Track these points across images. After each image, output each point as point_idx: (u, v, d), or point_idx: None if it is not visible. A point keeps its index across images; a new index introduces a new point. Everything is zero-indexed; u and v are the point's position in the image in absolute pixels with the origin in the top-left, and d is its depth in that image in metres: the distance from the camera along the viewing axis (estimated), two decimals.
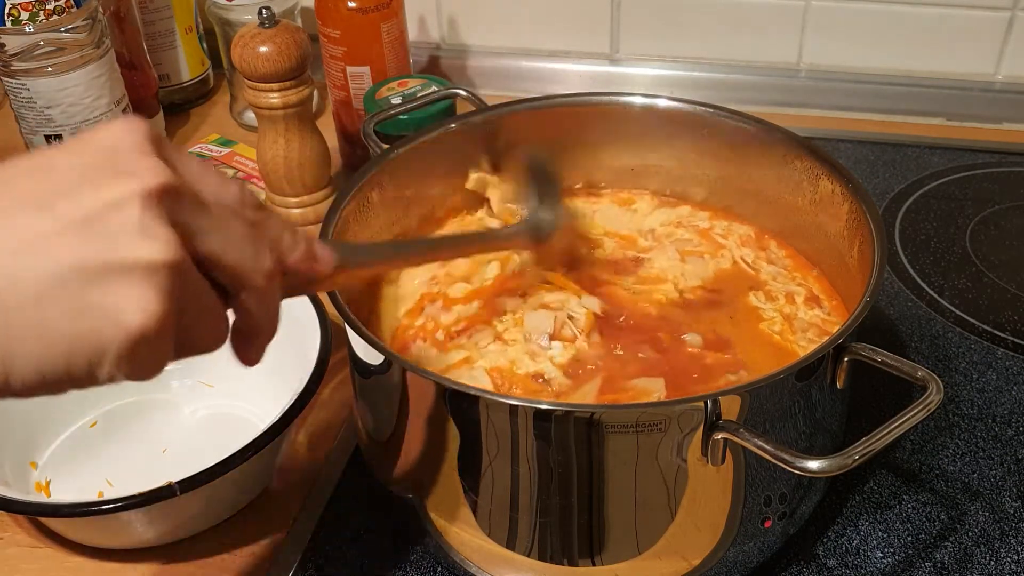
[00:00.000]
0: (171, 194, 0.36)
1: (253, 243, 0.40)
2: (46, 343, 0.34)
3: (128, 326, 0.34)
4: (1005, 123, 1.05)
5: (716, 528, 0.56)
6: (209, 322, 0.40)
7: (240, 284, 0.40)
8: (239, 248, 0.39)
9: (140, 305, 0.34)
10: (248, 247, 0.40)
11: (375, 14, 0.94)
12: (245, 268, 0.40)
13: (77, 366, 0.35)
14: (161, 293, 0.35)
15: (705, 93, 0.81)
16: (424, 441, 0.57)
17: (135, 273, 0.34)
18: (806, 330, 0.65)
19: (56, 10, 0.86)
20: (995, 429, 0.71)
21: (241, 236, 0.40)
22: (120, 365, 0.35)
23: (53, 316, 0.34)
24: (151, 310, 0.35)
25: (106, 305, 0.34)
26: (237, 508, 0.67)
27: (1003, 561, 0.63)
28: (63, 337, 0.34)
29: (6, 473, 0.67)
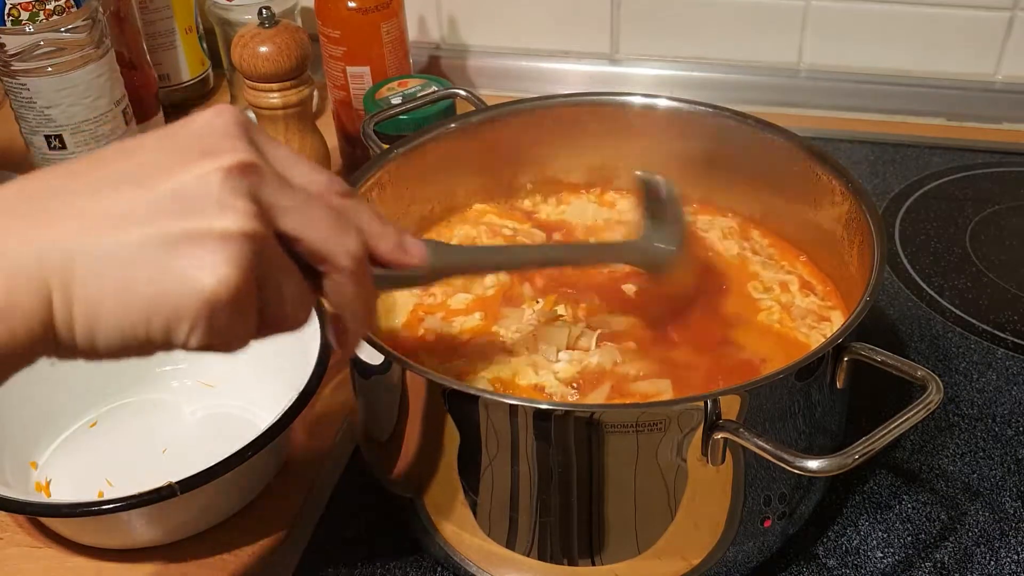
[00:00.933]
0: (252, 171, 0.38)
1: (337, 225, 0.41)
2: (128, 305, 0.36)
3: (202, 290, 0.36)
4: (1005, 123, 1.05)
5: (716, 528, 0.56)
6: (291, 299, 0.41)
7: (324, 263, 0.41)
8: (322, 228, 0.41)
9: (214, 271, 0.36)
10: (331, 228, 0.41)
11: (375, 14, 0.94)
12: (329, 247, 0.41)
13: (156, 327, 0.37)
14: (235, 260, 0.37)
15: (705, 93, 0.81)
16: (424, 441, 0.57)
17: (212, 241, 0.36)
18: (804, 317, 0.65)
19: (56, 10, 0.86)
20: (995, 429, 0.71)
21: (324, 217, 0.41)
22: (196, 328, 0.37)
23: (136, 280, 0.36)
24: (224, 274, 0.36)
25: (183, 270, 0.36)
26: (237, 508, 0.67)
27: (1003, 561, 0.63)
28: (144, 300, 0.36)
29: (6, 473, 0.67)
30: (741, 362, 0.62)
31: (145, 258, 0.36)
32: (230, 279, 0.37)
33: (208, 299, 0.36)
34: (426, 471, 0.58)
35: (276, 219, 0.39)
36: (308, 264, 0.42)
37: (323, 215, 0.41)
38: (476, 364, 0.62)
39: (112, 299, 0.36)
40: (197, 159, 0.38)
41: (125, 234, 0.36)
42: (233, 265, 0.37)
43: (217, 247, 0.36)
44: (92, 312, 0.36)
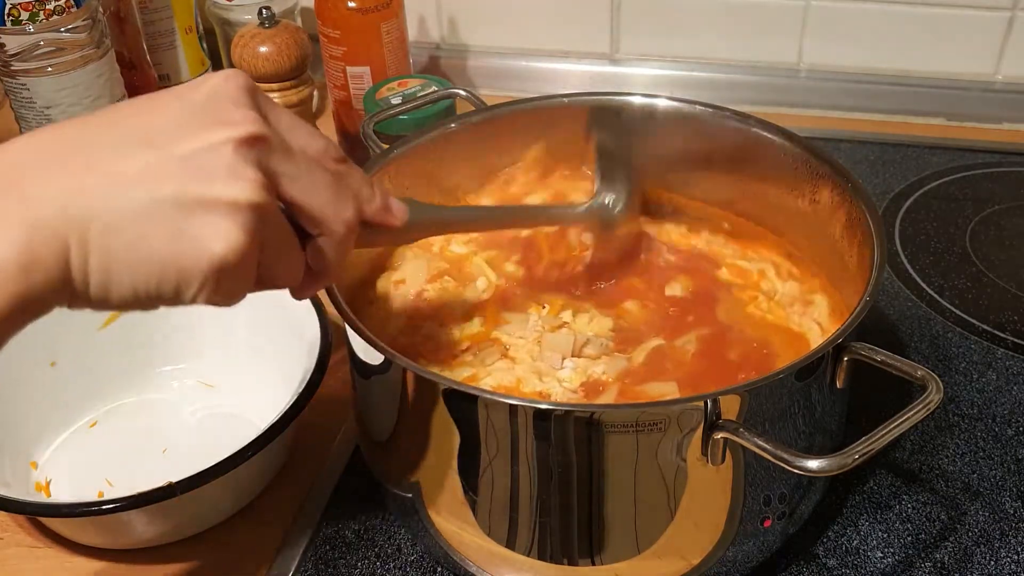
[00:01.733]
0: (261, 142, 0.41)
1: (337, 192, 0.44)
2: (143, 262, 0.39)
3: (212, 253, 0.39)
4: (1005, 123, 1.05)
5: (716, 528, 0.56)
6: (288, 260, 0.44)
7: (321, 229, 0.44)
8: (324, 195, 0.44)
9: (224, 236, 0.39)
10: (332, 195, 0.44)
11: (375, 14, 0.94)
12: (327, 214, 0.44)
13: (167, 285, 0.39)
14: (244, 228, 0.39)
15: (705, 93, 0.81)
16: (424, 441, 0.57)
17: (223, 208, 0.39)
18: (791, 304, 0.65)
19: (56, 10, 0.86)
20: (995, 429, 0.71)
21: (326, 184, 0.44)
22: (204, 288, 0.40)
23: (151, 239, 0.38)
24: (233, 241, 0.39)
25: (196, 233, 0.39)
26: (237, 508, 0.67)
27: (1003, 561, 0.63)
28: (157, 258, 0.39)
29: (6, 473, 0.67)
30: (742, 362, 0.62)
31: (160, 218, 0.38)
32: (238, 245, 0.39)
33: (217, 263, 0.39)
34: (426, 471, 0.58)
35: (282, 186, 0.42)
36: (300, 226, 0.44)
37: (324, 183, 0.44)
38: (478, 371, 0.62)
39: (127, 255, 0.38)
40: (210, 126, 0.40)
41: (142, 192, 0.38)
42: (241, 232, 0.39)
43: (227, 214, 0.39)
44: (107, 266, 0.38)
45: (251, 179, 0.40)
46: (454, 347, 0.64)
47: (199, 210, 0.39)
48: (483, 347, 0.63)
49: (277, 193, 0.42)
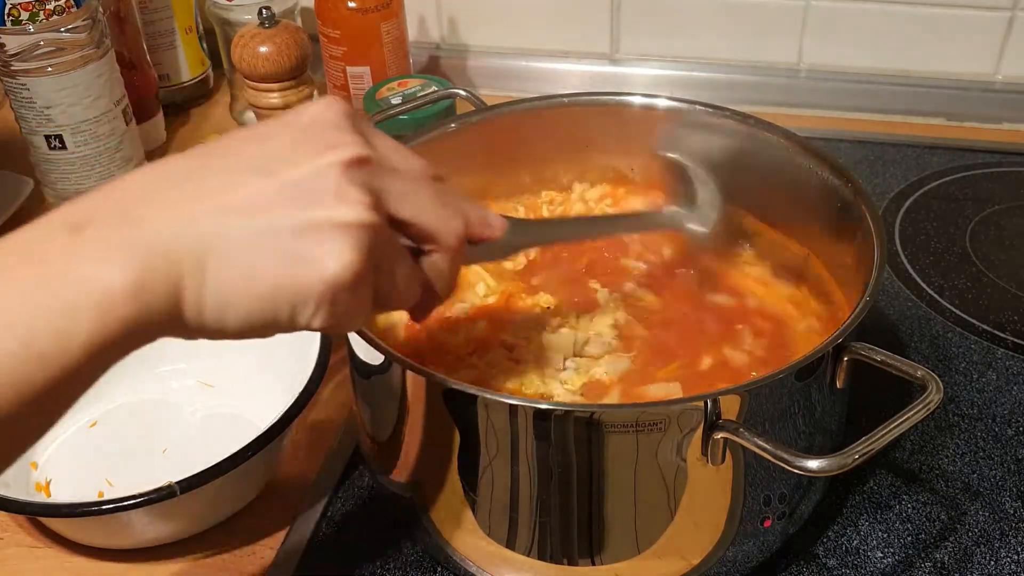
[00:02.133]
0: (366, 163, 0.42)
1: (444, 205, 0.45)
2: (257, 288, 0.39)
3: (325, 274, 0.39)
4: (1005, 123, 1.05)
5: (716, 527, 0.56)
6: (404, 278, 0.44)
7: (433, 244, 0.45)
8: (432, 210, 0.45)
9: (337, 256, 0.39)
10: (440, 209, 0.45)
11: (375, 14, 0.94)
12: (439, 229, 0.45)
13: (283, 308, 0.40)
14: (355, 247, 0.40)
15: (705, 93, 0.81)
16: (424, 441, 0.57)
17: (333, 230, 0.40)
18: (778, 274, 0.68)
19: (56, 10, 0.86)
20: (995, 429, 0.71)
21: (432, 199, 0.45)
22: (320, 309, 0.40)
23: (265, 264, 0.39)
24: (347, 260, 0.40)
25: (309, 255, 0.39)
26: (237, 508, 0.67)
27: (1003, 561, 0.63)
28: (271, 283, 0.39)
29: (6, 473, 0.66)
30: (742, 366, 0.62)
31: (273, 243, 0.39)
32: (351, 265, 0.40)
33: (331, 284, 0.40)
34: (426, 471, 0.58)
35: (389, 206, 0.43)
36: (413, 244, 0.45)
37: (431, 198, 0.45)
38: (483, 373, 0.61)
39: (242, 282, 0.39)
40: (316, 151, 0.41)
41: (255, 220, 0.39)
42: (353, 252, 0.40)
43: (338, 235, 0.40)
44: (222, 294, 0.39)
45: (358, 200, 0.40)
46: (458, 349, 0.63)
47: (311, 233, 0.39)
48: (486, 350, 0.63)
49: (386, 212, 0.43)
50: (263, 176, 0.40)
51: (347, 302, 0.41)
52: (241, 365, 0.76)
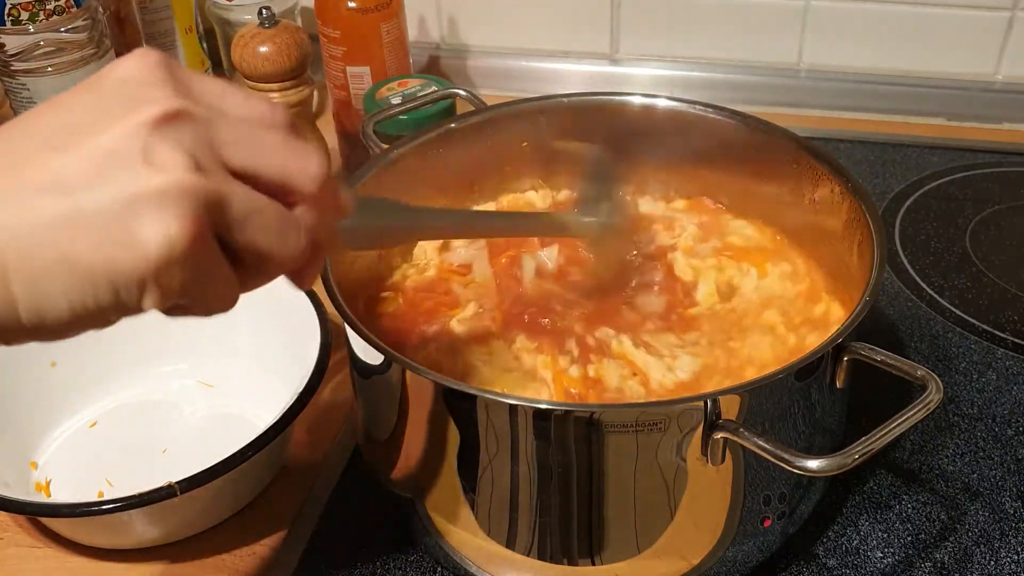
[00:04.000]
0: (180, 118, 0.36)
1: (293, 149, 0.39)
2: (70, 277, 0.35)
3: (146, 251, 0.35)
4: (1005, 123, 1.05)
5: (716, 527, 0.56)
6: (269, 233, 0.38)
7: (290, 192, 0.39)
8: (278, 155, 0.39)
9: (155, 231, 0.35)
10: (288, 152, 0.39)
11: (375, 14, 0.94)
12: (289, 174, 0.39)
13: (104, 297, 0.35)
14: (179, 216, 0.35)
15: (705, 93, 0.82)
16: (424, 441, 0.57)
17: (149, 200, 0.35)
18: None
19: (56, 10, 0.86)
20: (995, 429, 0.71)
21: (277, 144, 0.39)
22: (148, 293, 0.36)
23: (73, 249, 0.34)
24: (168, 234, 0.35)
25: (124, 233, 0.35)
26: (237, 508, 0.67)
27: (1003, 561, 0.63)
28: (86, 269, 0.35)
29: (6, 473, 0.67)
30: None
31: (80, 225, 0.34)
32: (174, 236, 0.35)
33: (154, 260, 0.35)
34: (426, 471, 0.58)
35: (226, 157, 0.37)
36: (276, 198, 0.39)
37: (274, 143, 0.39)
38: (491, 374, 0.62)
39: (53, 272, 0.35)
40: (123, 113, 0.36)
41: (58, 201, 0.35)
42: (174, 221, 0.35)
43: (153, 205, 0.35)
44: (34, 288, 0.35)
45: (173, 161, 0.35)
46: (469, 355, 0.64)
47: (123, 207, 0.34)
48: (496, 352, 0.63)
49: (226, 166, 0.37)
50: (59, 150, 0.35)
51: (183, 278, 0.36)
52: (241, 365, 0.76)
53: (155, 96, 0.37)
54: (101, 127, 0.36)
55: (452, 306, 0.67)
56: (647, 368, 0.61)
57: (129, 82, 0.37)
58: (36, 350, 0.72)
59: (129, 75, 0.38)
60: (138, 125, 0.36)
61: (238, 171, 0.38)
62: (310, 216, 0.40)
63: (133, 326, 0.77)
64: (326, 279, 0.58)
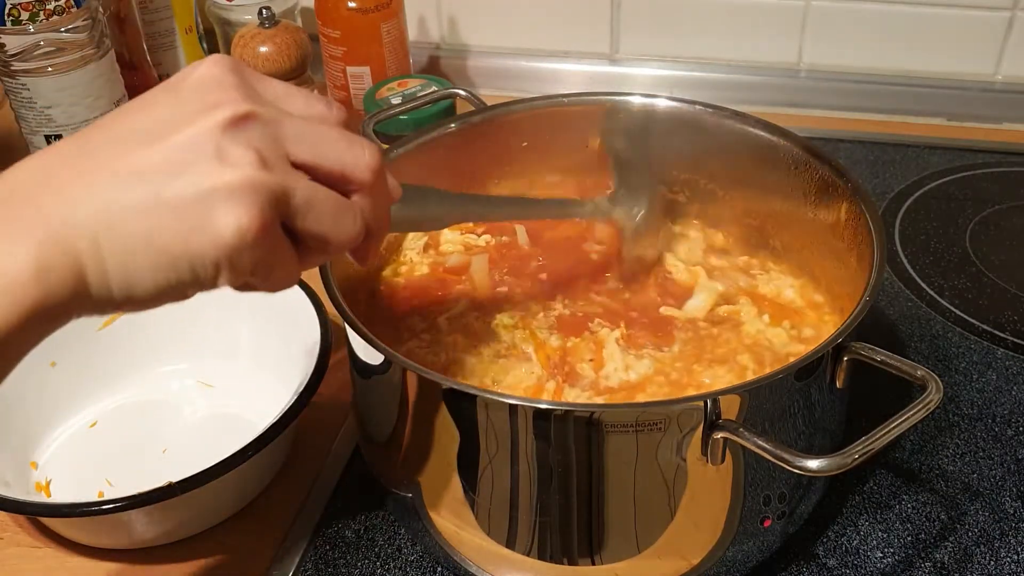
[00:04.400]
0: (248, 119, 0.41)
1: (349, 142, 0.44)
2: (155, 257, 0.39)
3: (217, 239, 0.39)
4: (1005, 123, 1.05)
5: (716, 527, 0.56)
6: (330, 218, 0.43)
7: (347, 183, 0.44)
8: (335, 148, 0.43)
9: (226, 220, 0.39)
10: (344, 145, 0.44)
11: (375, 14, 0.94)
12: (347, 164, 0.43)
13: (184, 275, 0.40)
14: (244, 207, 0.39)
15: (705, 93, 0.81)
16: (424, 441, 0.57)
17: (219, 193, 0.39)
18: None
19: (56, 10, 0.86)
20: (995, 429, 0.71)
21: (335, 138, 0.43)
22: (222, 272, 0.40)
23: (158, 233, 0.39)
24: (236, 223, 0.39)
25: (199, 222, 0.39)
26: (237, 508, 0.67)
27: (1003, 561, 0.63)
28: (168, 251, 0.39)
29: (6, 473, 0.67)
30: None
31: (162, 212, 0.39)
32: (242, 225, 0.39)
33: (225, 247, 0.39)
34: (426, 471, 0.58)
35: (290, 153, 0.42)
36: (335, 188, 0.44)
37: (332, 137, 0.43)
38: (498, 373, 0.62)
39: (140, 252, 0.39)
40: (199, 114, 0.40)
41: (140, 190, 0.39)
42: (242, 212, 0.39)
43: (224, 198, 0.39)
44: (124, 266, 0.39)
45: (242, 159, 0.40)
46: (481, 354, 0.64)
47: (199, 198, 0.39)
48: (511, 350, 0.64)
49: (290, 160, 0.42)
50: (144, 145, 0.40)
51: (253, 260, 0.40)
52: (241, 365, 0.76)
53: (228, 99, 0.41)
54: (180, 126, 0.40)
55: (443, 303, 0.67)
56: (609, 358, 0.62)
57: (205, 85, 0.42)
58: (36, 350, 0.71)
59: (204, 79, 0.42)
60: (213, 126, 0.40)
61: (300, 164, 0.42)
62: (365, 202, 0.44)
63: (133, 326, 0.78)
64: (326, 279, 0.58)
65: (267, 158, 0.41)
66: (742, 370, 0.62)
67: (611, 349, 0.63)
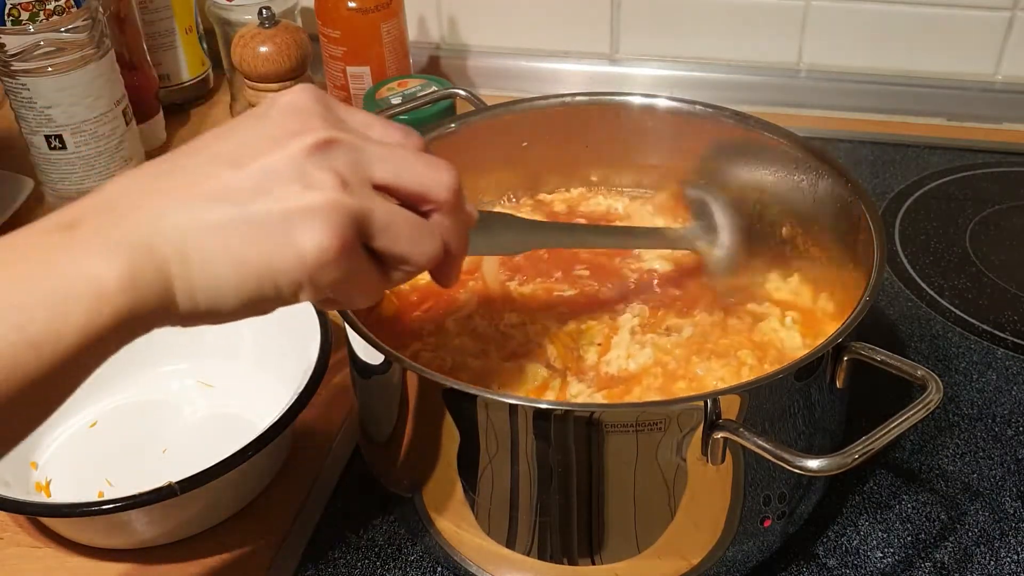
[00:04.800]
0: (331, 144, 0.43)
1: (427, 164, 0.45)
2: (242, 272, 0.41)
3: (301, 257, 0.41)
4: (1005, 123, 1.05)
5: (716, 527, 0.56)
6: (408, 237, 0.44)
7: (425, 202, 0.45)
8: (413, 170, 0.45)
9: (309, 240, 0.41)
10: (424, 166, 0.45)
11: (375, 14, 0.94)
12: (425, 184, 0.45)
13: (268, 290, 0.42)
14: (327, 227, 0.41)
15: (705, 93, 0.81)
16: (424, 441, 0.57)
17: (303, 214, 0.41)
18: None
19: (56, 10, 0.86)
20: (995, 429, 0.71)
21: (414, 160, 0.45)
22: (304, 289, 0.42)
23: (245, 250, 0.41)
24: (318, 243, 0.41)
25: (284, 240, 0.41)
26: (237, 508, 0.67)
27: (1003, 561, 0.63)
28: (254, 267, 0.41)
29: (6, 473, 0.67)
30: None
31: (249, 230, 0.41)
32: (323, 245, 0.41)
33: (308, 264, 0.41)
34: (426, 471, 0.58)
35: (373, 176, 0.44)
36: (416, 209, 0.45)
37: (412, 159, 0.45)
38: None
39: (228, 267, 0.41)
40: (286, 139, 0.42)
41: (229, 209, 0.41)
42: (324, 233, 0.41)
43: (307, 219, 0.41)
44: (211, 279, 0.41)
45: (324, 182, 0.42)
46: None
47: (283, 218, 0.41)
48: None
49: (371, 182, 0.44)
50: (233, 167, 0.42)
51: (334, 278, 0.42)
52: (241, 365, 0.76)
53: (312, 126, 0.43)
54: (267, 151, 0.42)
55: (449, 306, 0.67)
56: (616, 345, 0.63)
57: (290, 113, 0.44)
58: None
59: (290, 107, 0.44)
60: (298, 151, 0.42)
61: (381, 185, 0.44)
62: (444, 222, 0.46)
63: None
64: None
65: (348, 181, 0.42)
66: (739, 366, 0.62)
67: (622, 337, 0.63)
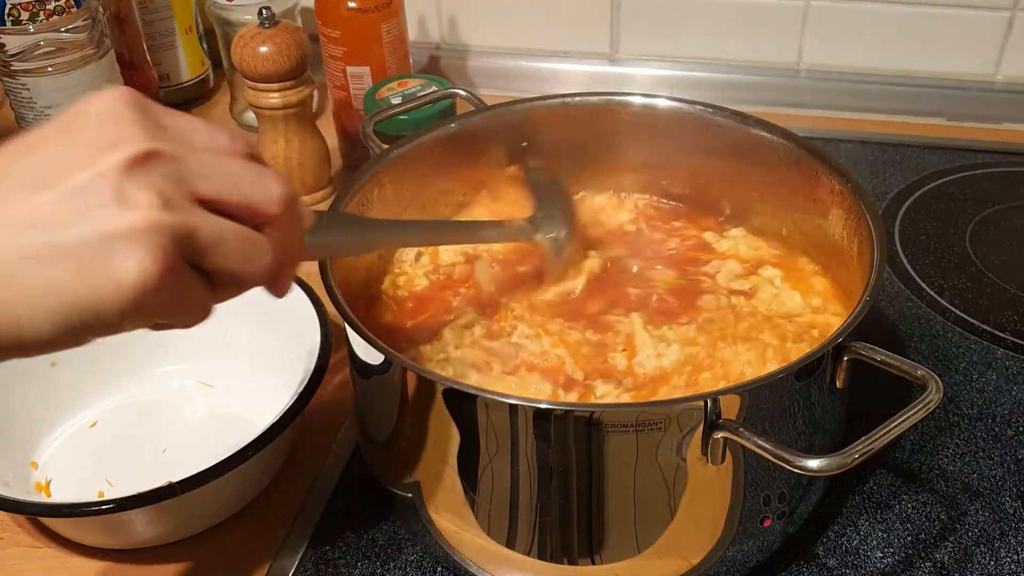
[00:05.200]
0: (151, 157, 0.39)
1: (256, 175, 0.42)
2: (59, 303, 0.38)
3: (122, 286, 0.38)
4: (1005, 123, 1.05)
5: (716, 527, 0.56)
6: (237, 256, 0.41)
7: (257, 216, 0.42)
8: (242, 182, 0.42)
9: (129, 267, 0.37)
10: (251, 179, 0.42)
11: (375, 14, 0.94)
12: (253, 198, 0.42)
13: (89, 321, 0.38)
14: (148, 253, 0.38)
15: (705, 93, 0.81)
16: (424, 441, 0.57)
17: (122, 239, 0.37)
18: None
19: (56, 10, 0.86)
20: (995, 429, 0.71)
21: (240, 172, 0.42)
22: (127, 318, 0.39)
23: (60, 282, 0.37)
24: (140, 270, 0.38)
25: (102, 269, 0.37)
26: (237, 508, 0.67)
27: (1003, 561, 0.63)
28: (71, 298, 0.38)
29: (6, 473, 0.67)
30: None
31: (63, 259, 0.37)
32: (146, 272, 0.38)
33: (130, 294, 0.38)
34: (426, 471, 0.58)
35: (197, 190, 0.40)
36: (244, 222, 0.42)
37: (238, 171, 0.42)
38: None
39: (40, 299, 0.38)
40: (96, 153, 0.38)
41: (38, 236, 0.37)
42: (146, 258, 0.38)
43: (127, 244, 0.37)
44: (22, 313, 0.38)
45: (144, 201, 0.38)
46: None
47: (100, 244, 0.37)
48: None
49: (195, 197, 0.40)
50: (38, 190, 0.38)
51: (159, 302, 0.39)
52: (241, 365, 0.76)
53: (127, 136, 0.39)
54: (77, 167, 0.38)
55: (447, 314, 0.67)
56: (641, 346, 0.62)
57: (101, 121, 0.39)
58: None
59: (101, 114, 0.40)
60: (112, 166, 0.38)
61: (207, 199, 0.40)
62: (276, 234, 0.43)
63: None
64: (326, 280, 0.58)
65: (170, 198, 0.39)
66: (764, 347, 0.62)
67: (642, 337, 0.63)
